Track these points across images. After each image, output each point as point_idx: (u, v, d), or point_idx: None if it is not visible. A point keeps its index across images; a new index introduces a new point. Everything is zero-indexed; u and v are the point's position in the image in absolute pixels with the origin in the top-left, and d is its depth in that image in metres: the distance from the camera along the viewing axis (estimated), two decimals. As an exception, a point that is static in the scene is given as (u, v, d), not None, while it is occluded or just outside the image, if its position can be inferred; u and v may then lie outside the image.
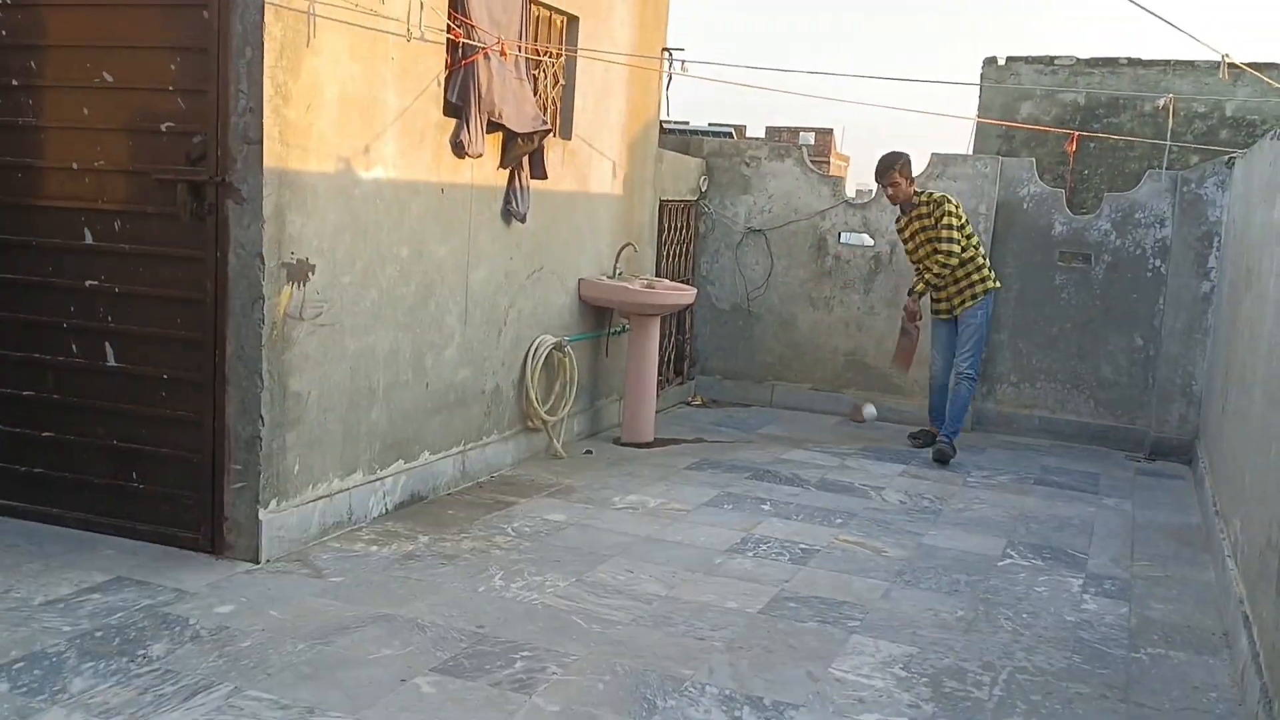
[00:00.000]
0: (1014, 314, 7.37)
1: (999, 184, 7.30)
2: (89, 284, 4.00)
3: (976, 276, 6.51)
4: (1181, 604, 4.25)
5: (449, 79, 4.68)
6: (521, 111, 5.06)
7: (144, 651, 3.11)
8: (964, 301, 6.54)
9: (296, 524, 4.03)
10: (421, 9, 4.35)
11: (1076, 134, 8.73)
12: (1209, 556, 4.86)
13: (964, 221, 6.50)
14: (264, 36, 3.63)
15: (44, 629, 3.21)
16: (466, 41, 4.68)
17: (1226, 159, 6.87)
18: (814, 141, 23.86)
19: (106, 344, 4.02)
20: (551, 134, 5.45)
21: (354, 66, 4.08)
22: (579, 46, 5.78)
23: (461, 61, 4.69)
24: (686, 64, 6.61)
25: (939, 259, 6.41)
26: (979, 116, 11.44)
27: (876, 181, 6.75)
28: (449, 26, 4.62)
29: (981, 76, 11.99)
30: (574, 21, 5.75)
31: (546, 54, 5.56)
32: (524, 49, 5.14)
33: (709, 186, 7.88)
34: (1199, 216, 6.89)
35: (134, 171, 3.89)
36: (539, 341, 5.64)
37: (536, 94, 5.42)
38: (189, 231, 3.82)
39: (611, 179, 6.32)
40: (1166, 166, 9.62)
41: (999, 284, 6.70)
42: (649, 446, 6.26)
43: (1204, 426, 6.52)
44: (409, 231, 4.52)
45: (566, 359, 5.87)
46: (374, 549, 4.14)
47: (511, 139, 5.09)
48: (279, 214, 3.78)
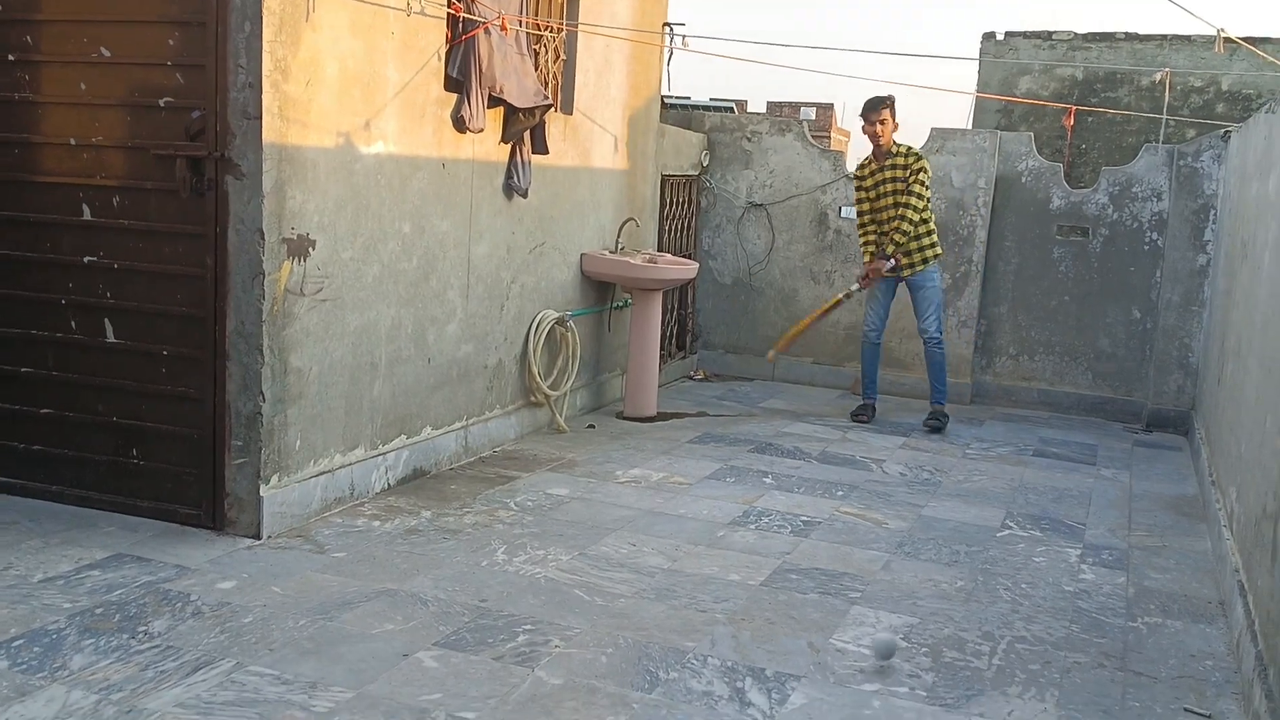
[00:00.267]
0: (1013, 287, 7.38)
1: (997, 158, 7.30)
2: (88, 260, 3.99)
3: (928, 241, 6.43)
4: (1178, 573, 4.27)
5: (450, 54, 4.66)
6: (523, 86, 5.04)
7: (145, 628, 3.13)
8: (916, 264, 6.44)
9: (298, 499, 4.04)
10: (419, -18, 4.33)
11: (1074, 108, 8.71)
12: (1205, 526, 4.89)
13: (928, 199, 6.39)
14: (263, 10, 3.60)
15: (44, 606, 3.22)
16: (467, 16, 4.66)
17: (1222, 133, 6.86)
18: (815, 117, 23.79)
19: (106, 320, 4.01)
20: (553, 109, 5.43)
21: (354, 41, 4.06)
22: (580, 21, 5.75)
23: (462, 36, 4.67)
24: (687, 39, 6.59)
25: (910, 215, 6.26)
26: (978, 91, 11.40)
27: (862, 117, 6.40)
28: (449, 1, 4.60)
29: (980, 52, 11.96)
30: (573, -5, 5.73)
31: (547, 28, 5.53)
32: (525, 23, 5.11)
33: (710, 161, 7.86)
34: (1195, 190, 6.89)
35: (132, 147, 3.88)
36: (541, 316, 5.64)
37: (537, 69, 5.40)
38: (188, 207, 3.81)
39: (613, 154, 6.30)
40: (1163, 140, 9.61)
41: (941, 252, 6.60)
42: (651, 421, 6.27)
43: (1200, 398, 6.54)
44: (410, 207, 4.52)
45: (569, 334, 5.87)
46: (376, 524, 4.16)
47: (513, 114, 5.08)
48: (279, 189, 3.77)
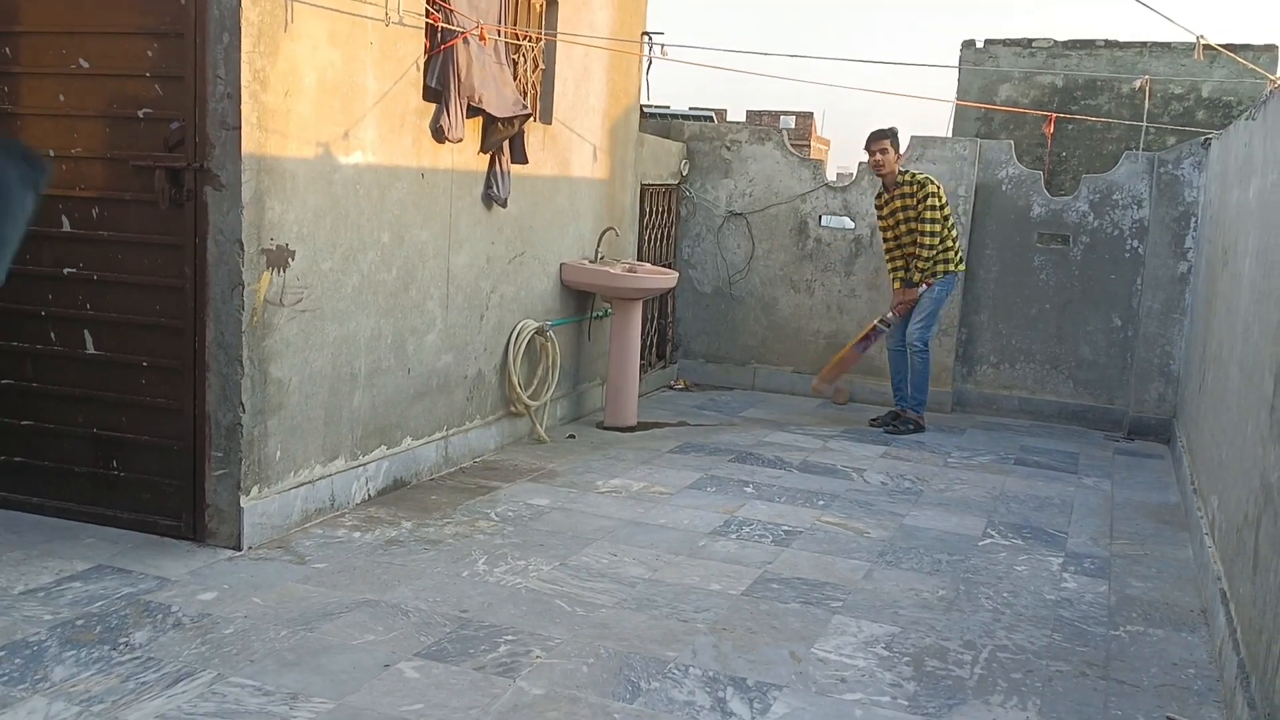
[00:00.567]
0: (993, 295, 7.41)
1: (978, 166, 7.33)
2: (67, 271, 3.97)
3: (941, 257, 6.58)
4: (1160, 581, 4.29)
5: (428, 64, 4.66)
6: (501, 96, 5.04)
7: (126, 639, 3.11)
8: (924, 278, 6.60)
9: (278, 510, 4.02)
10: (399, -8, 4.33)
11: (1054, 116, 8.75)
12: (1187, 534, 4.91)
13: (944, 203, 6.57)
14: (241, 21, 3.60)
15: (25, 618, 3.20)
16: (445, 26, 4.66)
17: (1203, 140, 6.91)
18: (794, 125, 23.86)
19: (85, 331, 3.99)
20: (532, 118, 5.43)
21: (332, 51, 4.05)
22: (558, 30, 5.76)
23: (441, 46, 4.67)
24: (666, 48, 6.61)
25: (926, 241, 6.46)
26: (957, 99, 11.45)
27: (866, 149, 6.61)
28: (428, 11, 4.60)
29: (960, 59, 12.01)
30: (553, 5, 5.73)
31: (526, 38, 5.54)
32: (503, 33, 5.12)
33: (690, 170, 7.88)
34: (1176, 197, 6.94)
35: (111, 158, 3.86)
36: (521, 326, 5.63)
37: (516, 78, 5.40)
38: (167, 218, 3.80)
39: (592, 163, 6.31)
40: (1144, 148, 9.67)
41: (963, 267, 6.77)
42: (632, 430, 6.27)
43: (1182, 405, 6.58)
44: (390, 217, 4.51)
45: (549, 343, 5.86)
46: (357, 535, 4.14)
47: (492, 123, 5.08)
48: (258, 200, 3.76)
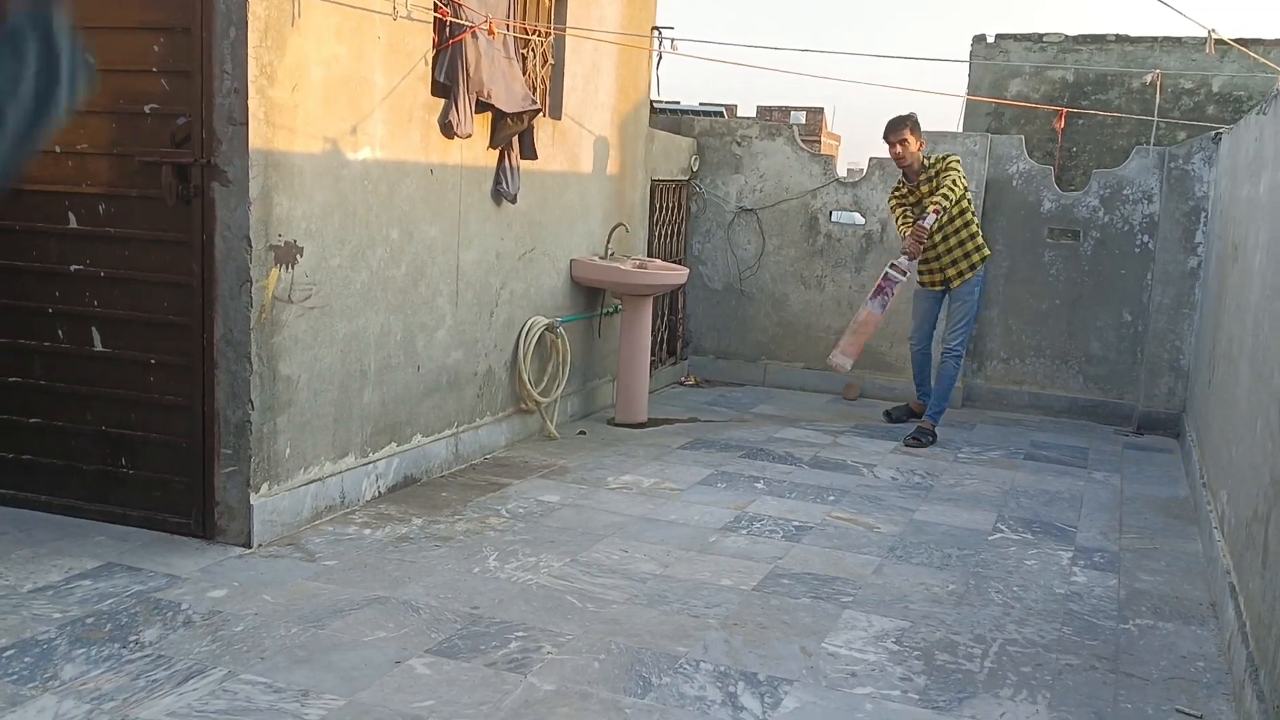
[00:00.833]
0: (1003, 290, 7.38)
1: (988, 161, 7.30)
2: (74, 268, 3.97)
3: (972, 245, 6.30)
4: (1169, 575, 4.27)
5: (437, 58, 4.65)
6: (510, 91, 5.03)
7: (136, 637, 3.11)
8: (961, 273, 6.33)
9: (288, 508, 4.02)
10: (407, -12, 4.32)
11: (1065, 111, 8.72)
12: (1196, 528, 4.89)
13: (966, 187, 6.25)
14: (248, 16, 3.59)
15: (34, 616, 3.20)
16: (454, 20, 4.65)
17: (1213, 135, 6.87)
18: (805, 120, 23.83)
19: (93, 329, 3.99)
20: (541, 114, 5.42)
21: (340, 46, 4.05)
22: (568, 25, 5.75)
23: (449, 41, 4.66)
24: (676, 42, 6.59)
25: (945, 191, 6.06)
26: (968, 94, 11.42)
27: (885, 140, 6.28)
28: (436, 5, 4.59)
29: (971, 54, 11.97)
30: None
31: (535, 32, 5.53)
32: (512, 27, 5.11)
33: (700, 166, 7.86)
34: (1186, 192, 6.90)
35: (118, 154, 3.86)
36: (531, 323, 5.62)
37: (525, 73, 5.39)
38: (175, 214, 3.79)
39: (602, 159, 6.29)
40: (1154, 143, 9.62)
41: (990, 251, 6.53)
42: (643, 427, 6.26)
43: (1191, 400, 6.55)
44: (398, 213, 4.50)
45: (559, 340, 5.86)
46: (367, 532, 4.14)
47: (501, 119, 5.07)
48: (266, 196, 3.76)
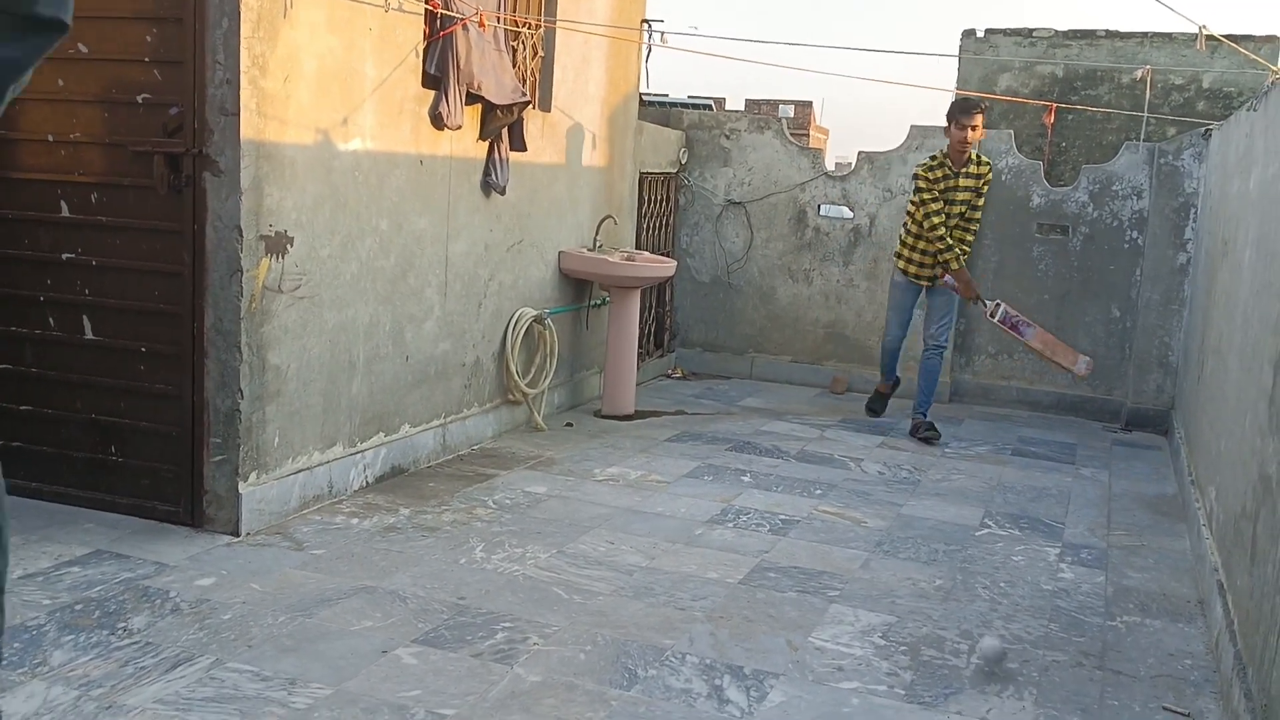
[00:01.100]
0: (992, 286, 7.39)
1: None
2: (65, 257, 3.96)
3: (962, 247, 6.30)
4: (1157, 572, 4.30)
5: (427, 50, 4.65)
6: (500, 83, 5.03)
7: (124, 624, 3.11)
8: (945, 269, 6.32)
9: (276, 497, 4.02)
10: (399, -22, 4.32)
11: (1054, 106, 8.72)
12: (1184, 525, 4.92)
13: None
14: (240, 6, 3.59)
15: (23, 602, 3.20)
16: (445, 12, 4.64)
17: (1203, 130, 6.90)
18: (793, 114, 23.79)
19: (84, 317, 3.98)
20: (531, 106, 5.42)
21: (332, 37, 4.04)
22: (558, 17, 5.74)
23: (440, 32, 4.65)
24: (666, 35, 6.59)
25: (974, 229, 6.04)
26: (958, 89, 11.43)
27: (952, 120, 5.97)
28: (427, -4, 4.58)
29: (960, 49, 11.97)
30: (553, -9, 5.72)
31: (525, 25, 5.52)
32: (503, 20, 5.10)
33: (689, 159, 7.87)
34: (1176, 188, 6.93)
35: (110, 143, 3.85)
36: (519, 314, 5.63)
37: (515, 66, 5.39)
38: (166, 204, 3.79)
39: (591, 151, 6.30)
40: (1144, 138, 9.65)
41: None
42: (630, 419, 6.27)
43: (1180, 397, 6.59)
44: (388, 204, 4.50)
45: (547, 331, 5.86)
46: (355, 521, 4.14)
47: (490, 111, 5.07)
48: (257, 186, 3.76)
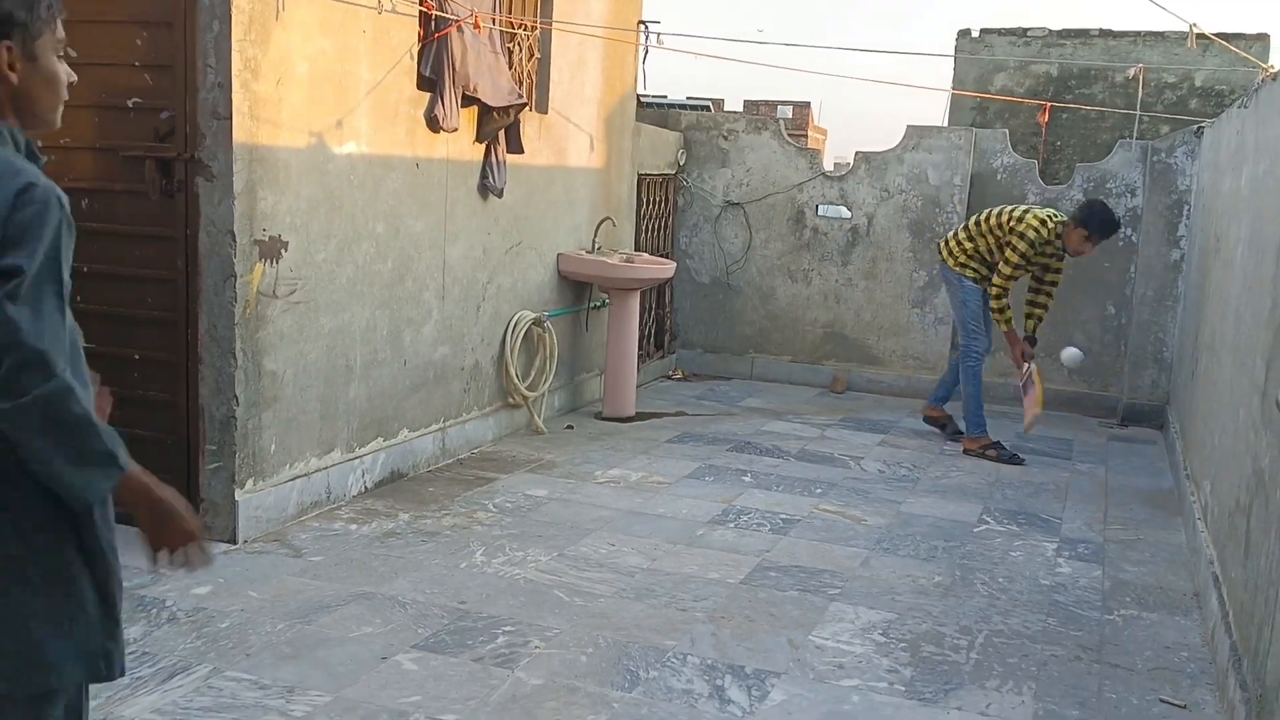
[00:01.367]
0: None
1: (973, 155, 7.32)
2: (59, 264, 3.94)
3: (986, 270, 6.10)
4: (1154, 566, 4.30)
5: (422, 52, 4.64)
6: (496, 85, 5.02)
7: (123, 632, 3.10)
8: (964, 267, 6.10)
9: (274, 504, 4.01)
10: (392, -19, 4.31)
11: (1049, 105, 8.72)
12: (1180, 519, 4.92)
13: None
14: (231, 9, 3.58)
15: (21, 611, 3.18)
16: (440, 14, 4.64)
17: (1196, 128, 6.91)
18: (791, 115, 23.78)
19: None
20: (527, 108, 5.41)
21: (325, 40, 4.03)
22: (554, 19, 5.73)
23: (435, 34, 4.64)
24: (663, 36, 6.59)
25: (1050, 290, 6.10)
26: (953, 89, 11.44)
27: (1093, 231, 5.80)
28: (420, -1, 4.58)
29: (956, 49, 11.99)
30: (547, -7, 5.71)
31: (521, 26, 5.52)
32: (498, 21, 5.10)
33: (687, 160, 7.86)
34: (1169, 185, 6.94)
35: (101, 148, 3.84)
36: (518, 317, 5.62)
37: (511, 67, 5.38)
38: (158, 209, 3.78)
39: (589, 153, 6.29)
40: (1137, 136, 9.66)
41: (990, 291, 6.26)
42: (630, 421, 6.26)
43: (1175, 392, 6.59)
44: (384, 207, 4.49)
45: (546, 334, 5.85)
46: (353, 527, 4.13)
47: (487, 113, 5.06)
48: (250, 190, 3.74)
